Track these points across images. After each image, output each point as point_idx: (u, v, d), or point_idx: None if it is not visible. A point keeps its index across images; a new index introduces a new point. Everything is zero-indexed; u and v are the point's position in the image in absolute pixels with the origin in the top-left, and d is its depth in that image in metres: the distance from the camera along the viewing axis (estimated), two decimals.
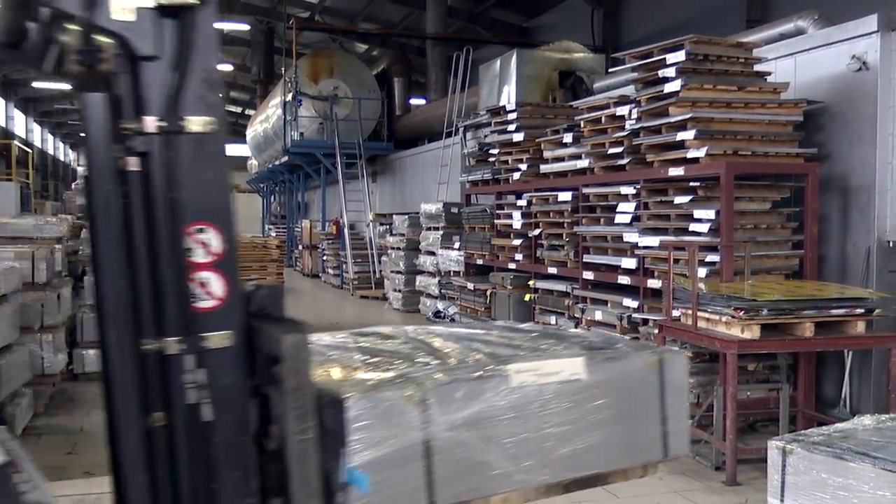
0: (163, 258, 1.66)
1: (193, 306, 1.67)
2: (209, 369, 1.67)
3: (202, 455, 1.68)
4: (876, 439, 3.51)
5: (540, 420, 2.01)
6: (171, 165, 1.65)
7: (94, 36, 1.53)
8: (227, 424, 1.69)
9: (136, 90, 1.64)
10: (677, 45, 6.31)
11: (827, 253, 6.37)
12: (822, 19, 8.16)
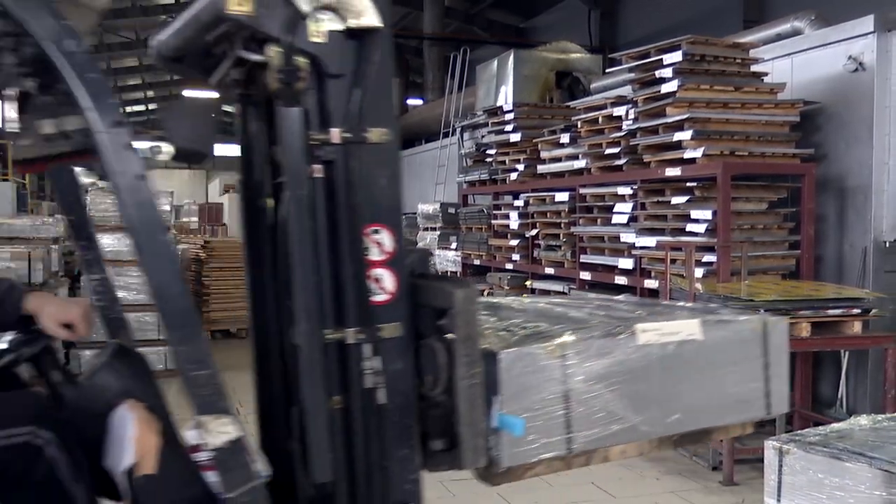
0: (344, 256, 1.83)
1: (370, 300, 1.84)
2: (382, 357, 1.83)
3: (376, 435, 1.85)
4: (872, 439, 3.52)
5: (660, 376, 2.16)
6: (352, 172, 1.83)
7: (294, 56, 1.71)
8: (398, 407, 1.85)
9: (323, 105, 1.81)
10: (674, 45, 6.33)
11: (823, 253, 6.39)
12: (818, 20, 8.18)
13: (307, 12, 1.74)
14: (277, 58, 1.71)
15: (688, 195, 6.48)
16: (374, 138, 1.83)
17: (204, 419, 1.67)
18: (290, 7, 1.71)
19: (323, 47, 1.76)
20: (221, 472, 1.70)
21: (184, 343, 1.67)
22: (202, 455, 1.80)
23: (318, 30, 1.76)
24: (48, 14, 1.58)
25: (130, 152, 1.65)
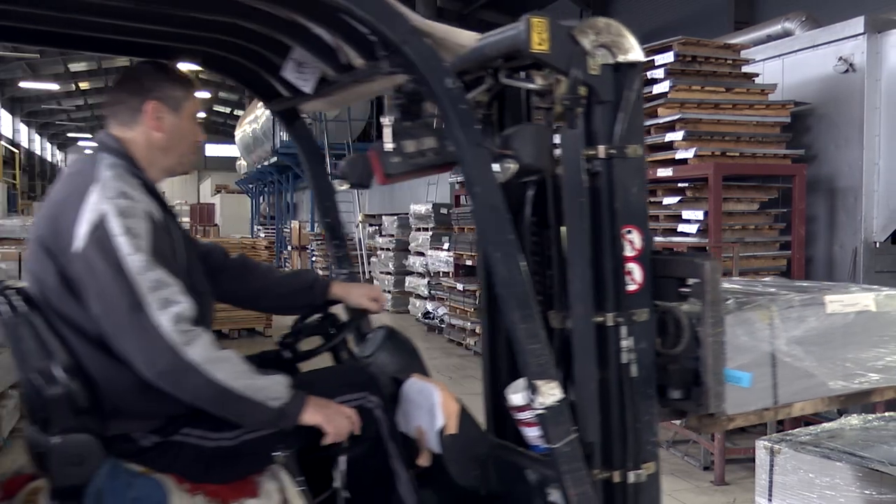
0: (605, 253, 2.18)
1: (625, 289, 2.18)
2: (634, 337, 2.17)
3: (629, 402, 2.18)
4: (863, 439, 3.53)
5: (842, 340, 2.54)
6: (613, 182, 2.17)
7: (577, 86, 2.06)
8: (644, 379, 2.19)
9: (590, 126, 2.17)
10: (665, 46, 6.34)
11: (814, 254, 6.41)
12: (809, 21, 8.21)
13: (589, 50, 2.11)
14: (564, 87, 2.08)
15: (679, 196, 6.49)
16: (631, 153, 2.17)
17: (538, 383, 1.98)
18: (577, 46, 2.09)
19: (596, 78, 2.12)
20: (549, 427, 2.00)
21: (524, 321, 1.96)
22: (526, 414, 2.13)
23: (595, 64, 2.11)
24: (436, 58, 1.91)
25: (487, 167, 1.97)
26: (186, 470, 1.99)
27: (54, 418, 1.85)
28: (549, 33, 2.06)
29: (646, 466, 2.19)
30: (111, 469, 1.88)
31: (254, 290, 2.45)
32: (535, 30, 2.05)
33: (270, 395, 1.94)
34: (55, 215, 1.97)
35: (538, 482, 2.17)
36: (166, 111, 2.10)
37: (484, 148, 1.95)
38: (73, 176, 2.04)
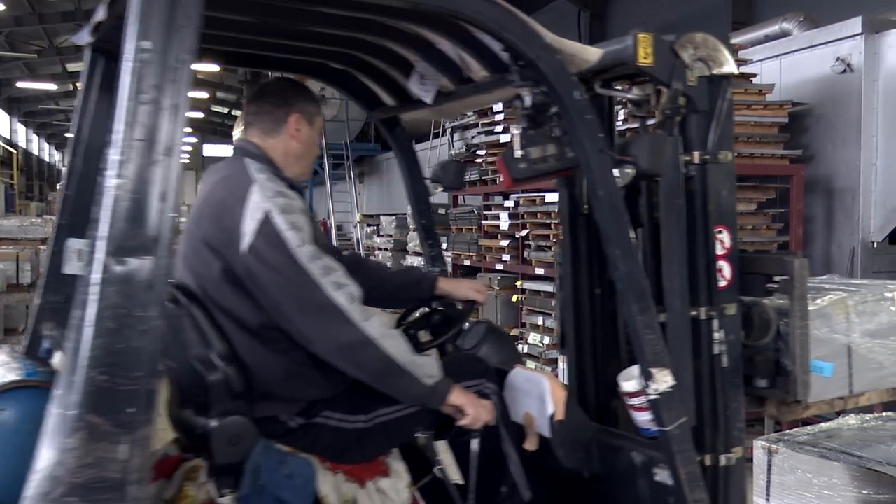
0: (698, 251, 2.38)
1: (717, 285, 2.37)
2: (724, 330, 2.36)
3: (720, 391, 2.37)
4: (861, 439, 3.54)
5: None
6: (706, 186, 2.38)
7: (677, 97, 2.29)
8: (733, 369, 2.38)
9: (687, 133, 2.38)
10: None
11: (812, 254, 6.42)
12: (807, 21, 8.22)
13: (688, 63, 2.32)
14: (665, 97, 2.30)
15: None
16: (723, 159, 2.39)
17: (653, 370, 2.13)
18: (678, 59, 2.30)
19: (694, 89, 2.32)
20: (663, 411, 2.15)
21: (641, 314, 2.13)
22: (639, 399, 2.28)
23: (692, 76, 2.32)
24: (566, 73, 2.08)
25: (609, 173, 2.13)
26: (325, 450, 2.16)
27: (213, 402, 2.00)
28: (653, 48, 2.27)
29: (735, 450, 2.38)
30: (264, 448, 2.03)
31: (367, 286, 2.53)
32: (642, 44, 2.26)
33: (426, 373, 2.14)
34: (217, 215, 2.12)
35: (643, 464, 2.32)
36: (304, 123, 2.30)
37: (607, 155, 2.13)
38: (226, 179, 2.21)
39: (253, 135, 2.31)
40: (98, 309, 1.40)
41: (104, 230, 1.42)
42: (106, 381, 1.40)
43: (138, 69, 1.45)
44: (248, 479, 1.99)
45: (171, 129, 1.47)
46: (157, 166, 1.45)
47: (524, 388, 2.44)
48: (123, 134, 1.44)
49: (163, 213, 1.45)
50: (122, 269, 1.42)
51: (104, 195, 1.45)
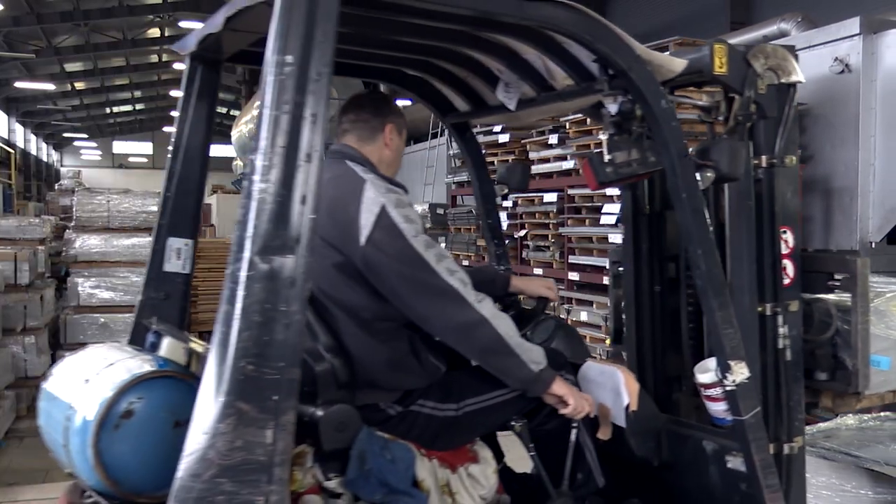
0: (765, 250, 2.52)
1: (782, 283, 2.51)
2: (788, 326, 2.49)
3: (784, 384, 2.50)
4: (859, 439, 3.54)
5: None
6: (773, 188, 2.53)
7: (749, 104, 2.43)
8: (795, 363, 2.51)
9: (756, 138, 2.51)
10: (662, 47, 6.35)
11: None
12: (805, 22, 8.23)
13: (759, 72, 2.46)
14: (738, 104, 2.45)
15: None
16: (788, 163, 2.54)
17: (731, 362, 2.23)
18: (750, 69, 2.45)
19: (763, 97, 2.47)
20: (739, 401, 2.25)
21: (721, 309, 2.23)
22: (715, 390, 2.38)
23: (762, 85, 2.46)
24: (655, 82, 2.21)
25: (692, 176, 2.25)
26: (419, 437, 2.28)
27: (320, 391, 2.08)
28: (728, 58, 2.41)
29: (796, 440, 2.50)
30: (368, 435, 2.13)
31: None
32: (717, 54, 2.40)
33: (533, 359, 2.25)
34: (331, 211, 2.21)
35: (715, 452, 2.41)
36: (395, 133, 2.46)
37: (690, 159, 2.25)
38: (336, 179, 2.31)
39: (350, 140, 2.45)
40: (245, 304, 1.51)
41: (250, 230, 1.53)
42: (253, 371, 1.50)
43: (281, 81, 1.57)
44: (354, 463, 2.08)
45: (310, 137, 1.57)
46: (299, 171, 1.56)
47: (598, 380, 2.54)
48: (267, 141, 1.55)
49: (303, 215, 1.56)
50: (267, 267, 1.52)
51: (249, 198, 1.54)
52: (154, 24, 29.14)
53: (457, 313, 2.16)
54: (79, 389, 1.98)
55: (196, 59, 2.45)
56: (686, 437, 2.52)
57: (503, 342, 2.19)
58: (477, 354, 2.26)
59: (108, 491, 1.90)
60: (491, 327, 2.17)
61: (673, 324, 2.97)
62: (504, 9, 1.98)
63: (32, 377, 6.69)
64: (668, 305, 2.99)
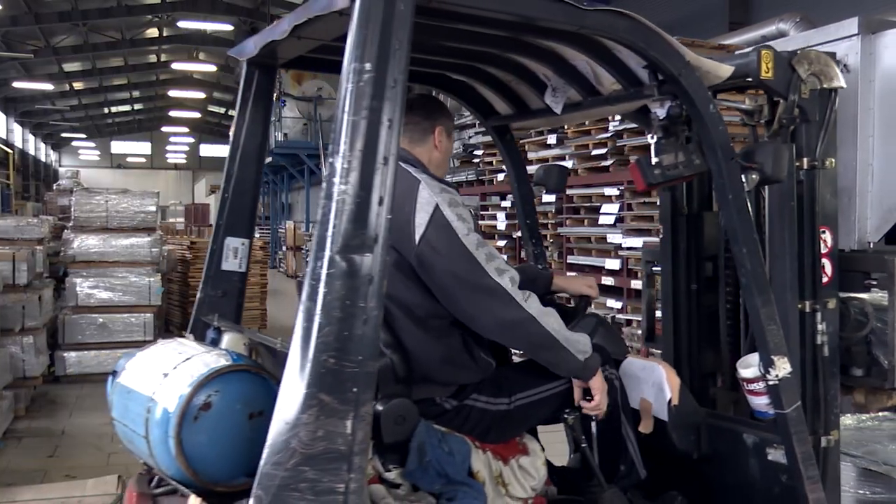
0: (805, 249, 2.59)
1: (821, 281, 2.60)
2: (826, 322, 2.58)
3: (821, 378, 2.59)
4: (857, 439, 3.54)
5: None
6: (814, 189, 2.60)
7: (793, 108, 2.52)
8: (832, 358, 2.61)
9: (797, 141, 2.59)
10: None
11: None
12: (803, 22, 8.23)
13: (804, 78, 2.54)
14: (782, 108, 2.54)
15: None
16: (828, 165, 2.61)
17: (774, 358, 2.31)
18: (794, 74, 2.54)
19: (807, 101, 2.55)
20: (782, 395, 2.32)
21: (764, 306, 2.30)
22: (757, 385, 2.44)
23: (806, 89, 2.55)
24: (704, 88, 2.28)
25: (738, 178, 2.30)
26: (473, 430, 2.34)
27: (380, 386, 2.07)
28: (773, 63, 2.50)
29: (832, 433, 2.58)
30: (426, 428, 2.19)
31: None
32: (764, 60, 2.48)
33: (580, 349, 2.32)
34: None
35: (755, 444, 2.49)
36: (445, 135, 2.53)
37: (736, 162, 2.30)
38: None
39: (401, 142, 2.47)
40: (326, 300, 1.58)
41: (331, 230, 1.60)
42: (334, 364, 1.57)
43: (360, 88, 1.64)
44: (414, 455, 2.14)
45: (387, 141, 1.65)
46: (377, 174, 1.63)
47: (640, 375, 2.63)
48: (346, 145, 1.63)
49: (380, 215, 1.63)
50: (346, 265, 1.60)
51: (330, 199, 1.61)
52: (152, 24, 29.13)
53: (505, 312, 2.22)
54: (158, 383, 2.06)
55: (252, 64, 2.54)
56: (725, 431, 2.59)
57: (552, 337, 2.26)
58: (527, 350, 2.35)
59: (188, 480, 1.97)
60: (539, 325, 2.24)
61: (710, 321, 3.09)
62: (566, 18, 2.05)
63: (30, 377, 6.68)
64: (704, 303, 3.10)
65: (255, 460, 1.61)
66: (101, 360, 7.89)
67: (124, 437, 2.25)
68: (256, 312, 10.64)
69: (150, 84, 38.45)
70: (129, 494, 2.35)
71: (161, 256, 8.93)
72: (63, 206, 12.33)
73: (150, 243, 8.37)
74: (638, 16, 2.16)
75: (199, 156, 52.38)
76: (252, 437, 1.95)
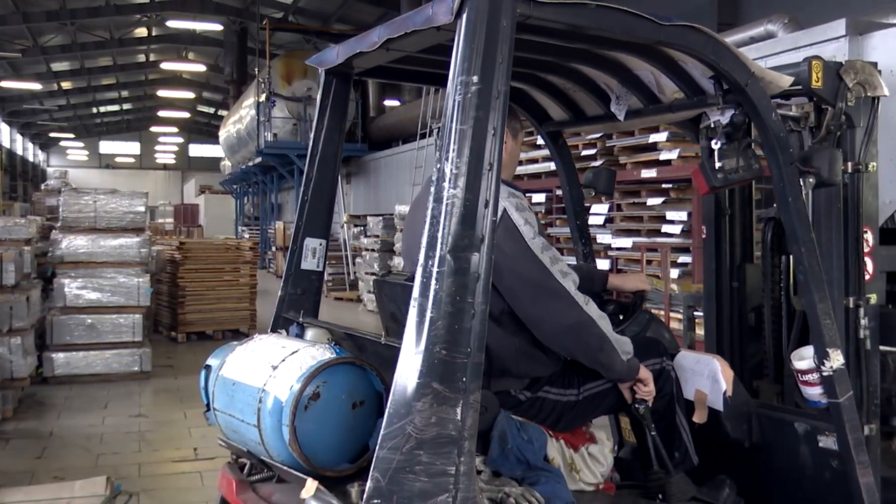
0: (850, 248, 2.73)
1: (864, 278, 2.71)
2: (868, 317, 2.70)
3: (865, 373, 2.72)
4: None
5: None
6: (857, 191, 2.73)
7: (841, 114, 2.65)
8: (874, 353, 2.73)
9: (842, 146, 2.70)
10: None
11: None
12: (791, 23, 8.26)
13: (850, 87, 2.69)
14: (830, 115, 2.68)
15: (663, 196, 6.52)
16: (871, 169, 2.74)
17: (829, 350, 2.43)
18: (842, 83, 2.65)
19: (852, 108, 2.68)
20: (836, 385, 2.43)
21: (821, 302, 2.42)
22: (812, 375, 2.52)
23: (852, 97, 2.67)
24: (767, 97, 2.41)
25: (797, 182, 2.45)
26: (545, 419, 2.47)
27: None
28: (823, 72, 2.63)
29: (873, 423, 2.70)
30: (506, 418, 2.30)
31: None
32: (815, 70, 2.63)
33: (625, 350, 2.43)
34: None
35: (806, 432, 2.61)
36: (510, 137, 2.57)
37: (796, 167, 2.44)
38: None
39: None
40: (438, 296, 1.69)
41: (441, 231, 1.71)
42: (446, 356, 1.68)
43: (467, 100, 1.74)
44: (496, 443, 2.24)
45: (492, 149, 1.76)
46: (483, 179, 1.74)
47: (694, 368, 2.74)
48: (455, 153, 1.73)
49: (486, 217, 1.74)
50: (456, 264, 1.70)
51: (440, 202, 1.72)
52: (141, 23, 29.02)
53: (568, 315, 2.31)
54: (268, 374, 2.20)
55: (331, 73, 2.66)
56: (776, 420, 2.72)
57: (607, 340, 2.37)
58: (583, 353, 2.41)
59: (299, 465, 2.11)
60: (598, 328, 2.34)
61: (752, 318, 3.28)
62: (645, 32, 2.16)
63: (18, 378, 6.64)
64: (745, 300, 3.29)
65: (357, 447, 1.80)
66: (89, 361, 7.85)
67: (227, 427, 2.36)
68: (246, 313, 10.59)
69: (138, 84, 38.30)
70: (226, 481, 2.47)
71: (150, 257, 8.89)
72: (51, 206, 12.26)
73: (138, 244, 8.33)
74: (709, 30, 2.27)
75: (189, 156, 52.19)
76: (355, 424, 2.16)
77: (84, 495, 3.92)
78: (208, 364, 2.48)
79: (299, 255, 2.74)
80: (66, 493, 3.97)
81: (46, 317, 7.96)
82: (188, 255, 10.55)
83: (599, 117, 2.96)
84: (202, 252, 10.83)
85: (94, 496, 3.89)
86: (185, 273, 10.41)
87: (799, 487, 2.66)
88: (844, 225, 2.74)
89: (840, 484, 2.49)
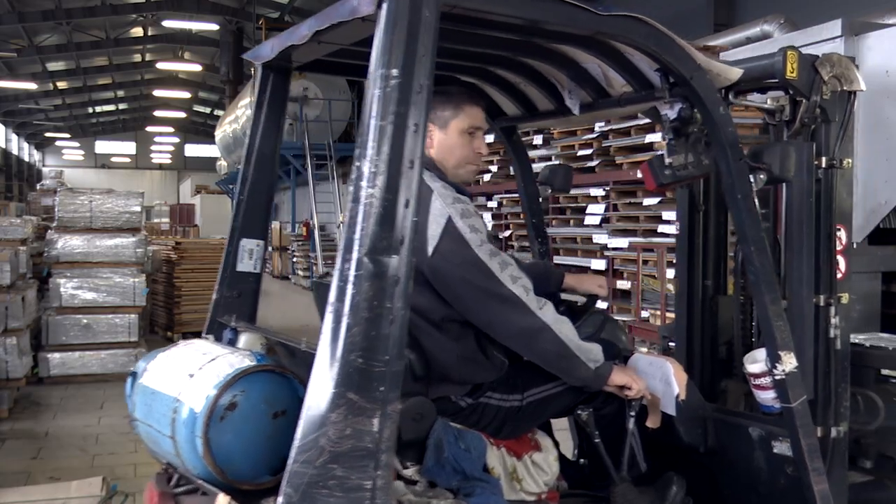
0: (822, 245, 2.65)
1: (836, 276, 2.65)
2: (839, 316, 2.63)
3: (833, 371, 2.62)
4: None
5: None
6: (830, 188, 2.67)
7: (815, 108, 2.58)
8: (844, 352, 2.65)
9: (816, 141, 2.63)
10: None
11: None
12: (787, 24, 8.28)
13: (826, 80, 2.59)
14: (804, 108, 2.59)
15: (659, 197, 6.52)
16: (845, 165, 2.67)
17: (781, 353, 2.36)
18: (818, 76, 2.59)
19: (828, 102, 2.60)
20: (789, 389, 2.37)
21: (772, 303, 2.37)
22: (764, 379, 2.46)
23: (827, 91, 2.59)
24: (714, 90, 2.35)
25: (746, 178, 2.38)
26: (487, 426, 2.40)
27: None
28: (798, 64, 2.55)
29: (842, 425, 2.63)
30: (443, 425, 2.23)
31: None
32: (789, 61, 2.54)
33: (591, 357, 2.35)
34: None
35: (761, 438, 2.55)
36: (436, 129, 2.44)
37: (745, 162, 2.38)
38: None
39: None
40: (354, 301, 1.61)
41: (358, 232, 1.63)
42: (362, 364, 1.61)
43: (387, 94, 1.67)
44: (431, 452, 2.18)
45: (413, 145, 1.68)
46: (403, 177, 1.66)
47: (647, 371, 2.64)
48: (374, 150, 1.66)
49: (406, 218, 1.66)
50: (374, 267, 1.63)
51: (358, 202, 1.64)
52: (137, 23, 28.98)
53: (520, 320, 2.26)
54: (183, 383, 2.09)
55: (268, 67, 2.58)
56: (731, 425, 2.66)
57: (564, 346, 2.29)
58: (540, 358, 2.35)
59: (214, 479, 2.01)
60: (553, 333, 2.27)
61: (723, 317, 3.22)
62: (582, 23, 2.09)
63: (14, 378, 6.63)
64: (716, 298, 3.25)
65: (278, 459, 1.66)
66: (85, 362, 7.85)
67: (147, 438, 2.27)
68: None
69: (134, 84, 38.24)
70: (151, 493, 2.37)
71: (146, 257, 8.89)
72: (47, 206, 12.26)
73: (134, 244, 8.33)
74: (652, 21, 2.20)
75: (185, 156, 52.13)
76: (275, 435, 2.04)
77: (80, 496, 3.91)
78: (134, 371, 2.37)
79: (235, 257, 2.64)
80: (62, 494, 3.96)
81: (42, 317, 7.95)
82: (184, 255, 10.54)
83: (551, 112, 2.90)
84: (198, 252, 10.82)
85: (90, 497, 3.89)
86: (181, 273, 10.39)
87: (755, 494, 2.61)
88: (816, 222, 2.67)
89: (795, 490, 2.43)
